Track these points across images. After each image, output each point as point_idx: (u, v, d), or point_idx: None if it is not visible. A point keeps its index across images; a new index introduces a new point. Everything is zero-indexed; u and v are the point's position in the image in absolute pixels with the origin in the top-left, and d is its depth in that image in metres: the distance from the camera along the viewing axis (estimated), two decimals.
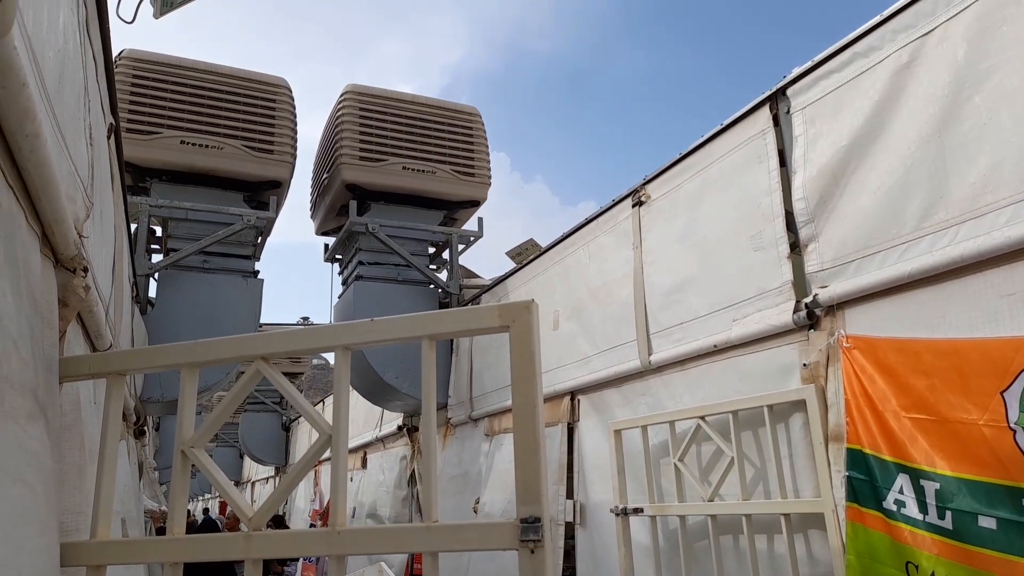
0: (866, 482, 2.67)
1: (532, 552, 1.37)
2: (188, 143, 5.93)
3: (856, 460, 2.72)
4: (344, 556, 1.49)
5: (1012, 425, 2.27)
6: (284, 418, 15.66)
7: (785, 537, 3.01)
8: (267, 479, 18.15)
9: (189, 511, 20.28)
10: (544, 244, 5.79)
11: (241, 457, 20.89)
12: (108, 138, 3.03)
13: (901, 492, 2.56)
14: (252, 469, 20.07)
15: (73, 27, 1.82)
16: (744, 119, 3.42)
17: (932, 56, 2.55)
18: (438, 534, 1.43)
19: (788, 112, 3.19)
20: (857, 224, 2.81)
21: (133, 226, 5.94)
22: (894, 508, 2.56)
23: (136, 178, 6.04)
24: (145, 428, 6.83)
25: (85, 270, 1.89)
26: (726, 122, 3.53)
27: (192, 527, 8.80)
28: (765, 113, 3.30)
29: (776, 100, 3.27)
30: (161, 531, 9.15)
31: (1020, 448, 2.19)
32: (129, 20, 2.40)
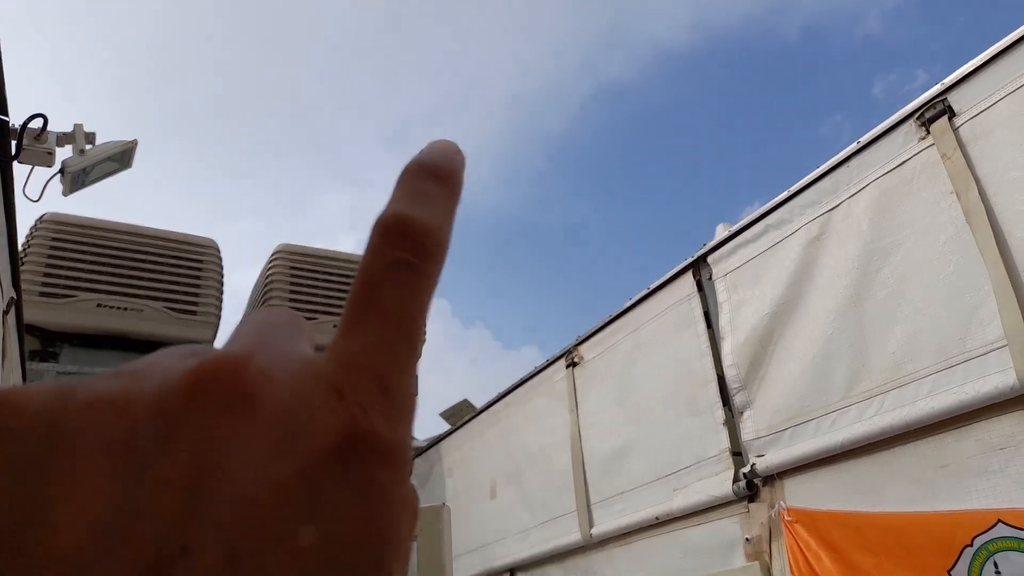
0: None
1: None
2: (105, 306, 5.69)
3: None
4: None
5: None
6: None
7: None
8: None
9: None
10: (482, 401, 5.64)
11: None
12: (6, 313, 2.84)
13: None
14: None
15: None
16: (670, 284, 3.48)
17: (840, 230, 2.67)
18: None
19: (710, 278, 3.26)
20: (787, 391, 2.80)
21: None
22: None
23: (45, 343, 5.70)
24: None
25: None
26: (652, 286, 3.59)
27: None
28: (689, 279, 3.37)
29: (699, 266, 3.35)
30: None
31: None
32: (35, 199, 2.31)
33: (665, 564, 3.26)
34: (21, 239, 5.59)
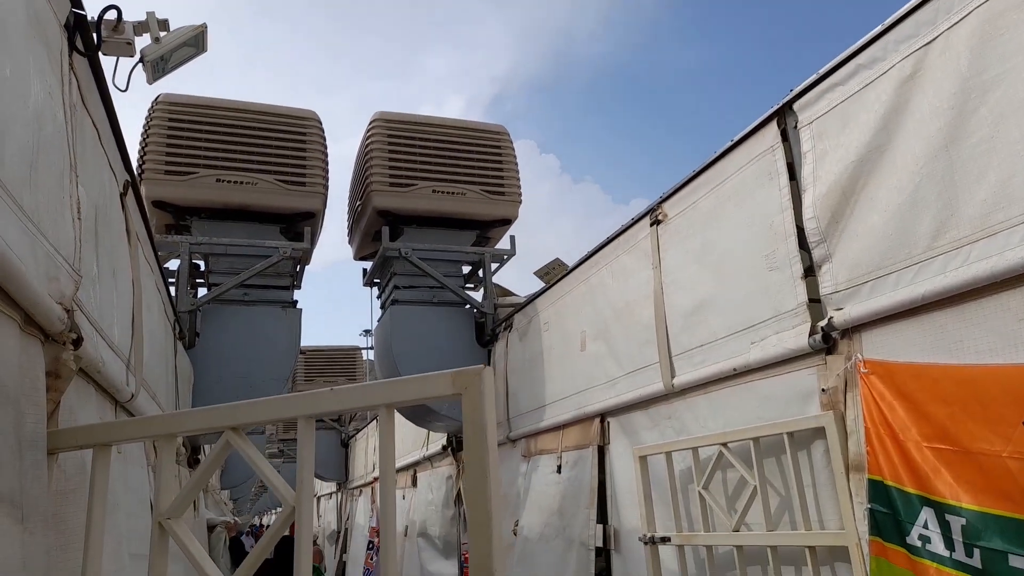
0: (888, 515, 2.55)
1: None
2: (223, 180, 6.11)
3: (878, 492, 2.60)
4: None
5: None
6: (343, 434, 15.99)
7: (811, 570, 2.89)
8: (330, 494, 18.58)
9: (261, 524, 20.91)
10: (580, 256, 5.72)
11: None
12: (124, 195, 3.15)
13: (926, 527, 2.43)
14: (317, 485, 20.55)
15: (51, 111, 1.90)
16: (753, 135, 3.32)
17: (936, 66, 2.42)
18: None
19: (796, 127, 3.08)
20: (869, 243, 2.69)
21: (176, 263, 6.18)
22: (918, 544, 2.43)
23: (177, 217, 6.26)
24: (200, 456, 7.08)
25: (76, 342, 1.96)
26: (736, 138, 3.44)
27: (236, 542, 9.15)
28: (773, 129, 3.19)
29: (784, 115, 3.16)
30: (236, 541, 9.51)
31: None
32: (123, 89, 2.51)
33: (743, 411, 3.36)
34: (139, 119, 6.02)
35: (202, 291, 6.60)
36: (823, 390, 2.91)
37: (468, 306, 7.01)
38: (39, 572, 1.60)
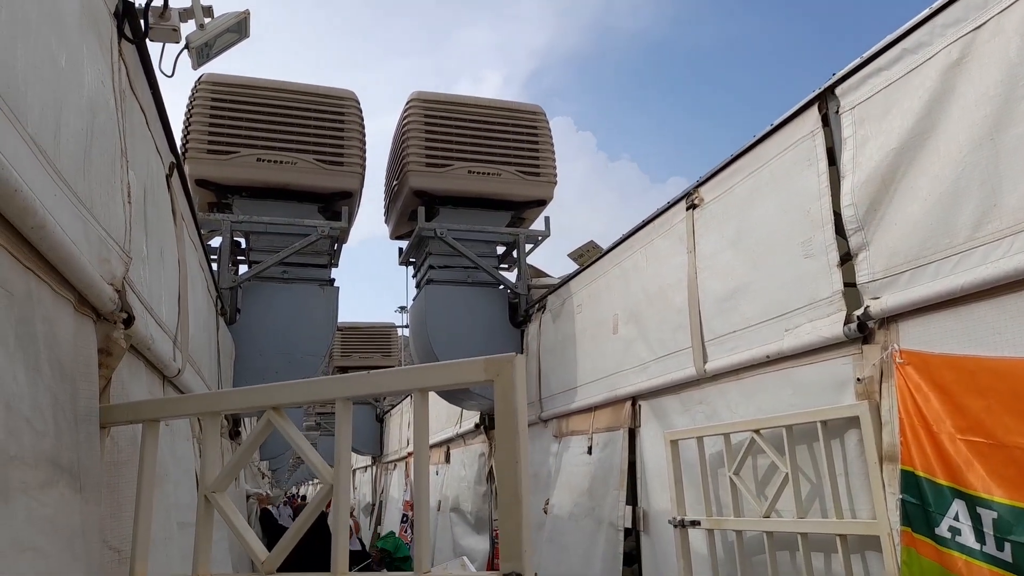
0: (919, 507, 2.54)
1: None
2: (264, 160, 6.22)
3: (909, 483, 2.58)
4: None
5: None
6: (378, 410, 16.27)
7: (841, 557, 2.89)
8: (365, 468, 18.96)
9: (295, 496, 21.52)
10: (617, 235, 5.70)
11: None
12: (170, 176, 3.25)
13: (956, 519, 2.41)
14: (352, 459, 21.00)
15: (104, 98, 1.97)
16: (793, 119, 3.27)
17: (984, 52, 2.36)
18: None
19: (837, 112, 3.03)
20: (908, 233, 2.65)
21: (217, 241, 6.33)
22: (948, 536, 2.42)
23: (219, 196, 6.40)
24: (240, 429, 7.29)
25: (127, 321, 2.05)
26: (776, 122, 3.39)
27: (266, 513, 9.42)
28: (814, 113, 3.14)
29: (825, 99, 3.11)
30: (266, 512, 9.83)
31: None
32: (169, 75, 2.58)
33: (776, 398, 3.35)
34: (184, 103, 6.14)
35: (243, 268, 6.75)
36: (858, 379, 2.89)
37: (502, 287, 7.05)
38: (95, 538, 1.70)
